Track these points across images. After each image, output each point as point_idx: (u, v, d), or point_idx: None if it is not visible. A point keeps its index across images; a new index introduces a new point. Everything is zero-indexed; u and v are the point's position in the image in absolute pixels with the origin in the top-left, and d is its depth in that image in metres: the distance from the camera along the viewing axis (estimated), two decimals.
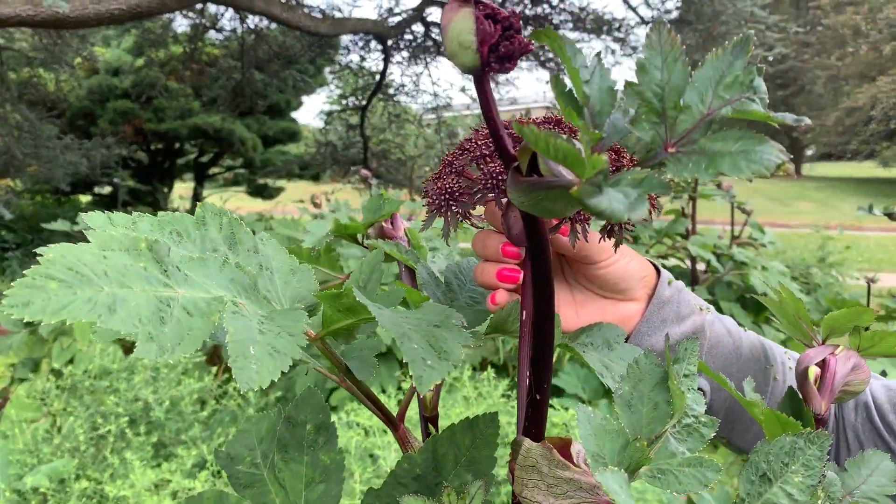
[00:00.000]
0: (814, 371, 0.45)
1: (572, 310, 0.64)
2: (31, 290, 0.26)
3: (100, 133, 9.14)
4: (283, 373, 0.29)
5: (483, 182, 0.47)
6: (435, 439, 0.52)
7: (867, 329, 0.48)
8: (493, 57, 0.31)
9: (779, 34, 6.62)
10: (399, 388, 2.69)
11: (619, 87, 0.31)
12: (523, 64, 8.69)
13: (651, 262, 0.66)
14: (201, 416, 2.44)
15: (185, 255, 0.36)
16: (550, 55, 8.30)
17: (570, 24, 7.92)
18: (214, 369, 2.91)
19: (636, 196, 0.25)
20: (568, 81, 0.30)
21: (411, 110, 9.64)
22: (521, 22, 0.32)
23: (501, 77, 8.94)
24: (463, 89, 8.94)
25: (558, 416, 2.24)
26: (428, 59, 8.59)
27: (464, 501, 0.44)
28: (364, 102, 8.88)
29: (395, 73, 8.94)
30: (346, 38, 8.41)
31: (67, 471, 2.01)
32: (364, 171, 3.35)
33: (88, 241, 0.33)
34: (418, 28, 8.18)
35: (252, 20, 7.88)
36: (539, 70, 8.67)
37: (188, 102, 9.80)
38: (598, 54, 0.31)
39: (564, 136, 0.28)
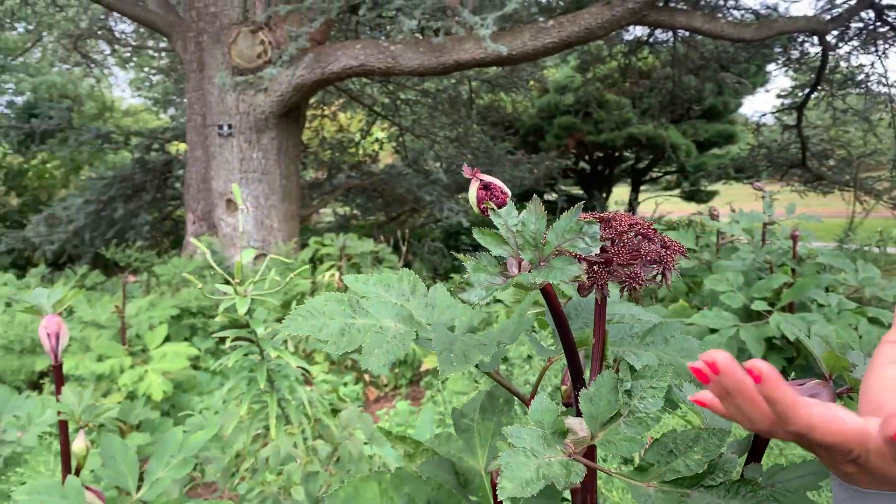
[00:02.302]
0: None
1: None
2: (291, 320, 0.65)
3: (546, 147, 10.27)
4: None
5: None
6: None
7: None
8: (485, 210, 0.61)
9: None
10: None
11: None
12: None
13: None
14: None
15: (386, 298, 0.73)
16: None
17: None
18: None
19: (489, 293, 0.53)
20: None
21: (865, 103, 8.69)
22: (498, 187, 0.61)
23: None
24: None
25: None
26: (884, 47, 7.72)
27: None
28: (801, 100, 8.36)
29: (842, 66, 8.16)
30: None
31: None
32: (758, 184, 3.38)
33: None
34: (867, 15, 7.43)
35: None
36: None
37: (624, 113, 10.39)
38: (535, 202, 0.59)
39: (479, 255, 0.57)
